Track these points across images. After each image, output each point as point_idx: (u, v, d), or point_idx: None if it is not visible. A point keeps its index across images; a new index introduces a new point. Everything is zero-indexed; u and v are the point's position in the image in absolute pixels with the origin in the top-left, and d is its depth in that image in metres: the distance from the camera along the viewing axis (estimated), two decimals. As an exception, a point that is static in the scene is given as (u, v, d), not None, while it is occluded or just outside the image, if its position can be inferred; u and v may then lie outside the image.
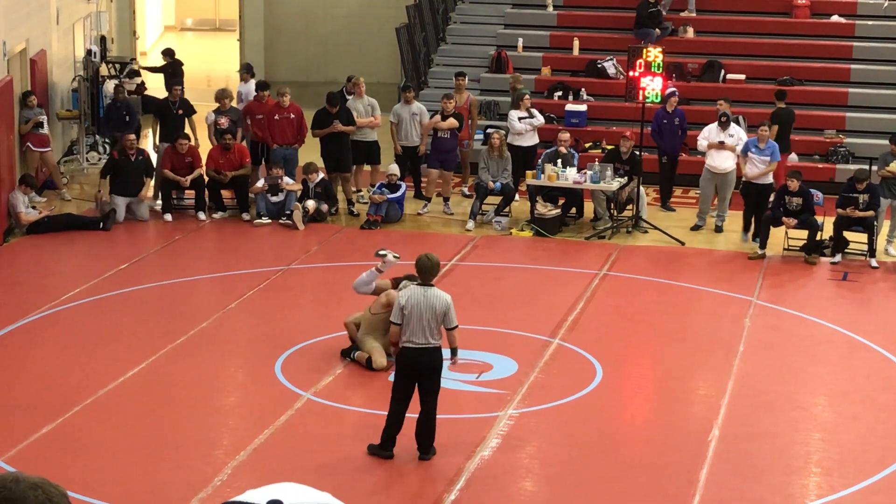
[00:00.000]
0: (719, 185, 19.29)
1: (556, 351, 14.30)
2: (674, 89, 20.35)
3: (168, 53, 25.03)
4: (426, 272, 11.34)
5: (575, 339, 14.67)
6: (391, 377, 13.31)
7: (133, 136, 19.58)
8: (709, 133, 19.41)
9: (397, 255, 14.07)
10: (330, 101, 19.92)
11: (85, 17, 25.04)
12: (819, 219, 18.06)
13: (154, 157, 20.41)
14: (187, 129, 20.33)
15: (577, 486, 11.19)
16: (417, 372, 11.31)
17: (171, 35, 38.61)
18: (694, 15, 24.76)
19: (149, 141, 23.47)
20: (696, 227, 19.42)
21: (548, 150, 19.85)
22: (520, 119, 20.50)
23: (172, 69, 24.37)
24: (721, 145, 19.16)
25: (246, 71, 22.36)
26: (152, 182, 19.70)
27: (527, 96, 20.78)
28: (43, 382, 13.12)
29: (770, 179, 19.05)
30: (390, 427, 11.42)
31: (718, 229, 19.28)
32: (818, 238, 18.07)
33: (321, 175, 19.58)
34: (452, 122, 20.01)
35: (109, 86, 23.49)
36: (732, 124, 19.51)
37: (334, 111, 19.83)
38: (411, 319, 11.19)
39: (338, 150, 19.92)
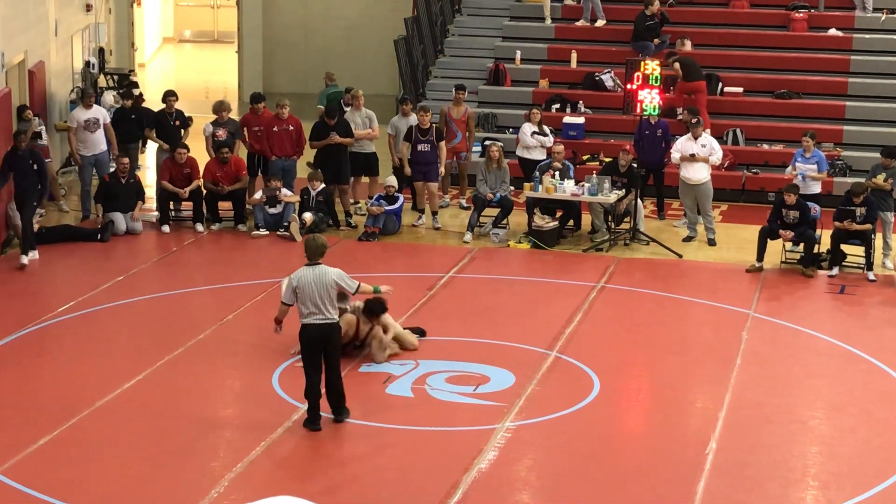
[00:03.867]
0: (697, 196, 19.29)
1: (553, 363, 14.30)
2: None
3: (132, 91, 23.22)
4: (312, 251, 12.31)
5: (572, 351, 14.66)
6: (388, 389, 13.36)
7: (126, 160, 19.50)
8: (681, 145, 19.43)
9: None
10: (328, 113, 19.94)
11: (83, 28, 25.08)
12: (817, 232, 18.09)
13: (153, 165, 20.27)
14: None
15: (575, 499, 11.18)
16: (320, 346, 12.17)
17: (170, 47, 38.65)
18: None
19: (147, 155, 23.49)
20: (687, 239, 19.43)
21: (542, 163, 19.87)
22: (532, 134, 20.54)
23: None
24: (692, 157, 19.18)
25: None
26: (143, 204, 19.60)
27: (536, 111, 20.80)
28: (41, 393, 13.11)
29: (818, 189, 19.10)
30: (311, 400, 12.24)
31: (711, 243, 19.24)
32: (816, 251, 18.08)
33: (323, 185, 19.60)
34: (442, 147, 19.93)
35: (108, 97, 23.52)
36: (705, 134, 19.53)
37: (332, 123, 19.85)
38: (305, 298, 12.09)
39: (336, 161, 19.92)
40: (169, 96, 20.74)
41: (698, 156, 19.18)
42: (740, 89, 23.52)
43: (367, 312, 13.97)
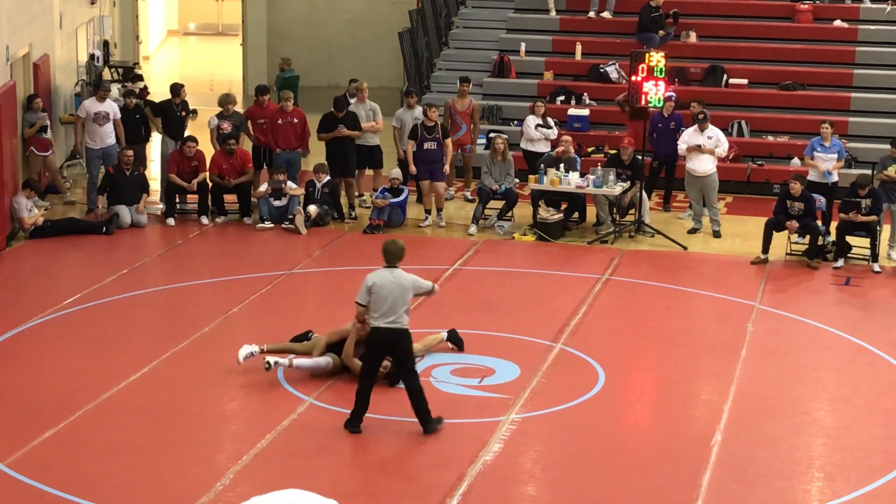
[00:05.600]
0: (703, 188, 19.29)
1: (558, 355, 14.30)
2: (671, 93, 20.34)
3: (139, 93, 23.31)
4: (392, 255, 12.08)
5: (577, 343, 14.67)
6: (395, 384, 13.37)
7: (130, 152, 19.51)
8: (688, 137, 19.42)
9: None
10: (336, 106, 19.92)
11: (88, 21, 25.08)
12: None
13: (158, 158, 20.27)
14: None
15: (580, 491, 11.19)
16: (385, 351, 12.10)
17: (175, 39, 38.65)
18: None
19: (152, 148, 23.49)
20: (693, 231, 19.43)
21: (545, 155, 19.86)
22: (536, 126, 20.53)
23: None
24: (699, 149, 19.16)
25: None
26: (148, 197, 19.61)
27: (540, 103, 20.79)
28: (45, 386, 13.13)
29: (836, 178, 19.09)
30: (358, 404, 12.08)
31: (716, 234, 19.24)
32: (821, 243, 18.07)
33: (328, 177, 19.61)
34: (448, 145, 19.72)
35: (114, 91, 23.51)
36: (711, 126, 19.50)
37: (340, 115, 19.83)
38: (381, 299, 11.89)
39: (342, 154, 19.92)
40: (181, 87, 20.76)
41: (704, 147, 19.18)
42: (745, 81, 23.51)
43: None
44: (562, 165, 19.32)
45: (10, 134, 18.47)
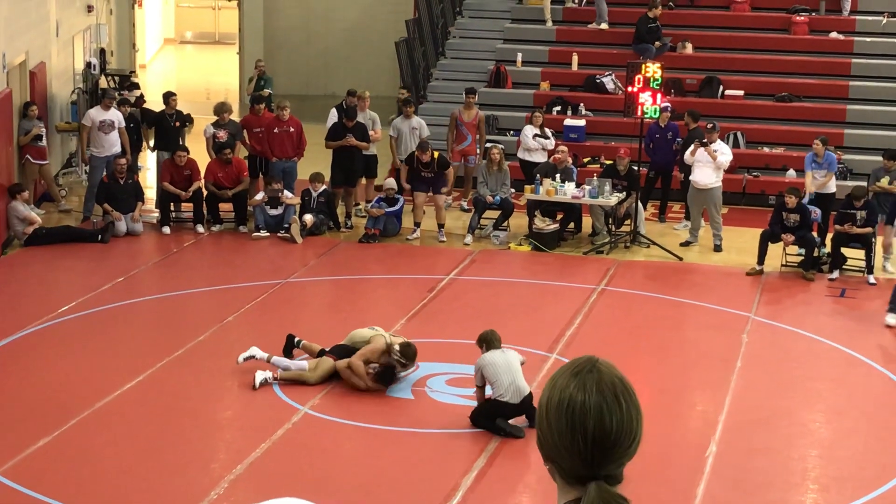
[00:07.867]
0: (705, 201, 19.22)
1: (553, 366, 14.28)
2: (667, 104, 20.33)
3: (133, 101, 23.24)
4: (496, 341, 12.54)
5: (573, 353, 14.65)
6: (388, 391, 13.36)
7: (123, 160, 19.50)
8: (693, 147, 19.31)
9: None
10: (348, 115, 19.90)
11: (85, 29, 25.08)
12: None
13: (154, 167, 20.26)
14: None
15: (574, 501, 11.16)
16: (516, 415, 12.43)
17: (171, 48, 38.66)
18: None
19: (148, 157, 23.48)
20: (685, 244, 19.32)
21: (539, 165, 19.86)
22: (534, 136, 20.55)
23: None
24: (702, 145, 18.92)
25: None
26: (143, 205, 19.59)
27: (538, 113, 20.81)
28: (40, 394, 13.11)
29: (833, 189, 19.15)
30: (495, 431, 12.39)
31: (717, 248, 19.16)
32: (816, 254, 18.08)
33: (324, 186, 19.62)
34: (448, 175, 19.71)
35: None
36: (718, 141, 19.44)
37: (351, 125, 19.82)
38: (499, 375, 12.27)
39: (349, 163, 19.90)
40: (171, 97, 20.77)
41: (708, 149, 18.92)
42: (741, 92, 23.54)
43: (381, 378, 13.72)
44: (558, 176, 19.32)
45: (6, 142, 18.46)
